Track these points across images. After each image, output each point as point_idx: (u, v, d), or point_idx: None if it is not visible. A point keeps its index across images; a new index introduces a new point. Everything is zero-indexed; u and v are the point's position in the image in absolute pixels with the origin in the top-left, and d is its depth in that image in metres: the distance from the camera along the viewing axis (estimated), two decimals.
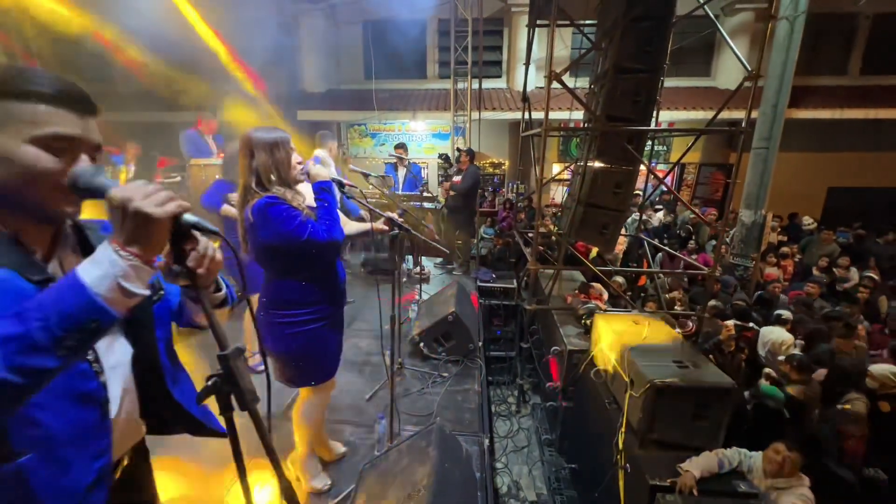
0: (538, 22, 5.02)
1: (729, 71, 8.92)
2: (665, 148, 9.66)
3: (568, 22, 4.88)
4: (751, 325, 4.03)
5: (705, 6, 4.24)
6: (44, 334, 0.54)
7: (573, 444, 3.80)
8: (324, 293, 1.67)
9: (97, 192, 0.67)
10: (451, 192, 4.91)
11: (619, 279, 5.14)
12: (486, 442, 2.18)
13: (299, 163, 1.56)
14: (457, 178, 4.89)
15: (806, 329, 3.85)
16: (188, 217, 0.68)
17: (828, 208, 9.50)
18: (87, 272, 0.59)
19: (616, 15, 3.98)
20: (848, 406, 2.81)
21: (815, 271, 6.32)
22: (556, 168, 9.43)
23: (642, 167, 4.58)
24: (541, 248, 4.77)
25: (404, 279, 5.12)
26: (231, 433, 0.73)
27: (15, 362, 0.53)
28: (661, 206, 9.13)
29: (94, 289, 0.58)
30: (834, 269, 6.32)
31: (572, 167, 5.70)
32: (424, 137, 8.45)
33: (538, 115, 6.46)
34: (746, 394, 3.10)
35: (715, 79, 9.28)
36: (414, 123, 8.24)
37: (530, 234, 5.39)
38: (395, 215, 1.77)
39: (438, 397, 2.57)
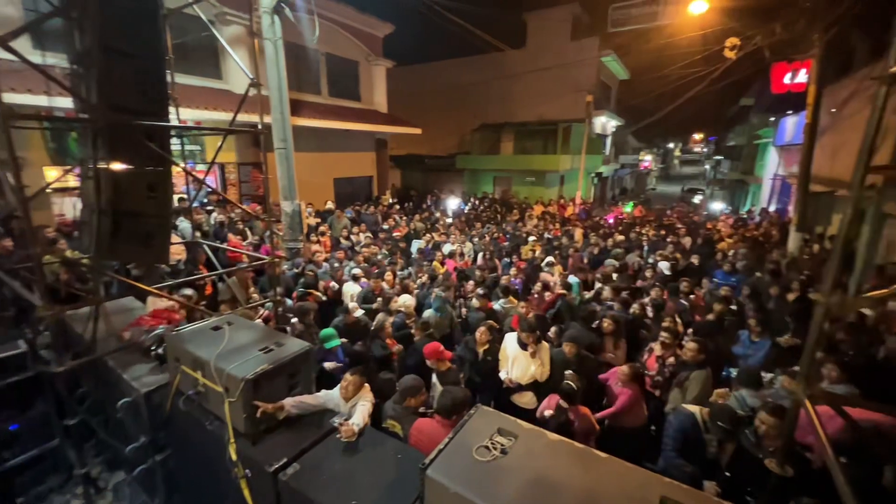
0: None
1: (238, 76, 9.67)
2: (199, 147, 9.34)
3: None
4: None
5: (195, 6, 4.30)
6: None
7: (185, 492, 3.26)
8: None
9: None
10: None
11: (189, 291, 4.66)
12: None
13: None
14: None
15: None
16: None
17: (337, 193, 12.83)
18: None
19: None
20: None
21: (341, 241, 8.49)
22: (54, 173, 6.94)
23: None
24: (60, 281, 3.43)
25: None
26: None
27: None
28: (212, 207, 8.93)
29: None
30: (351, 237, 8.79)
31: (78, 170, 4.36)
32: None
33: None
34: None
35: (227, 82, 9.79)
36: None
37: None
38: None
39: None
